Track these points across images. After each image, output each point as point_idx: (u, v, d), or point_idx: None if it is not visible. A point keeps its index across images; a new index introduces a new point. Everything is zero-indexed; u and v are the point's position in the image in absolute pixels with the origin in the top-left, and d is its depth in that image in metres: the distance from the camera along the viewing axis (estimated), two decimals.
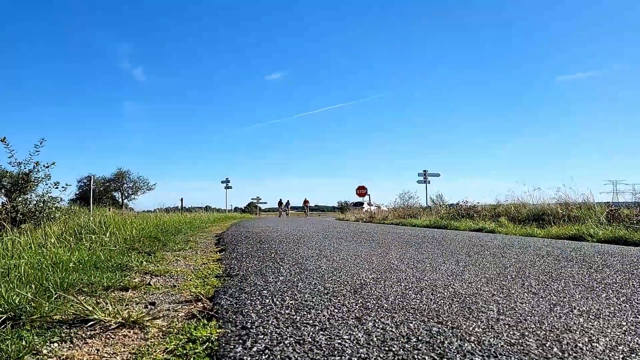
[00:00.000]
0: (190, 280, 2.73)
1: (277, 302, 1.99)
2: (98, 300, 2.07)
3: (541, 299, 2.06)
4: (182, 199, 21.71)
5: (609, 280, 2.58)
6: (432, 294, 2.16)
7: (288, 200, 35.16)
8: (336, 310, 1.83)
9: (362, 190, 27.38)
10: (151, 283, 2.57)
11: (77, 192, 36.60)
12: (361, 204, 28.29)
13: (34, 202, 7.12)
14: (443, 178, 27.48)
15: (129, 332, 1.64)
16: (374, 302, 1.99)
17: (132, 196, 45.02)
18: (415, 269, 2.95)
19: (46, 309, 1.77)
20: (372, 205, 26.03)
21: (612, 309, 1.90)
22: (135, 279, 2.70)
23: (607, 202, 9.56)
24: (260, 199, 46.29)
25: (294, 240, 5.16)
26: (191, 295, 2.27)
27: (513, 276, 2.70)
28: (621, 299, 2.08)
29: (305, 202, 35.18)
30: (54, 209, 7.11)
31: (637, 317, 1.76)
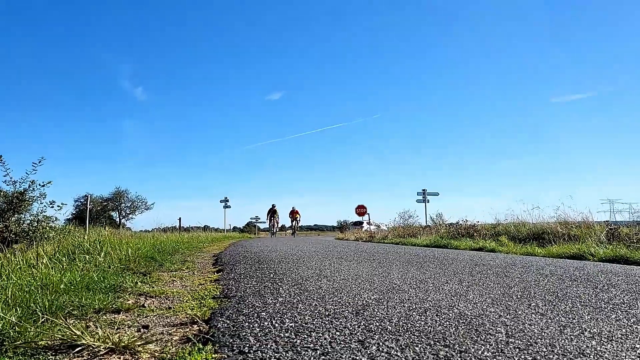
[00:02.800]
0: (186, 301, 2.65)
1: (277, 325, 1.91)
2: (88, 324, 1.98)
3: (550, 321, 1.98)
4: (180, 218, 21.59)
5: (616, 301, 2.51)
6: (437, 315, 2.08)
7: (275, 209, 24.17)
8: (338, 333, 1.76)
9: (361, 210, 27.28)
10: (145, 305, 2.48)
11: (74, 212, 36.29)
12: (361, 223, 28.15)
13: (28, 221, 7.02)
14: (442, 197, 27.39)
15: (119, 357, 1.56)
16: (377, 324, 1.91)
17: (130, 216, 44.80)
18: (418, 289, 2.87)
19: (31, 333, 1.69)
20: (371, 224, 25.88)
21: (623, 330, 1.82)
22: (128, 300, 2.61)
23: (606, 221, 9.50)
24: (259, 219, 46.00)
25: (293, 260, 5.07)
26: (187, 317, 2.19)
27: (518, 296, 2.62)
28: (631, 320, 2.01)
29: (294, 213, 24.49)
30: (48, 228, 7.01)
31: None
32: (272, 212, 24.21)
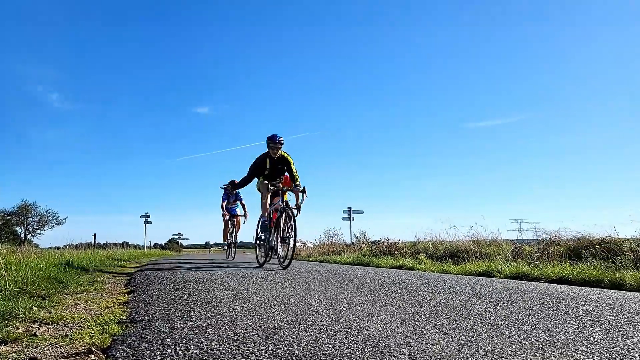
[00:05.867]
0: (87, 327, 2.47)
1: (180, 352, 1.83)
2: None
3: (451, 340, 2.08)
4: (95, 234, 20.24)
5: (512, 317, 2.69)
6: (346, 337, 2.11)
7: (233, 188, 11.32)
8: (243, 359, 1.72)
9: None
10: (37, 333, 2.28)
11: None
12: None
13: None
14: (367, 215, 28.11)
15: None
16: (285, 348, 1.89)
17: (38, 231, 41.32)
18: (332, 310, 2.90)
19: None
20: (298, 242, 25.89)
21: (513, 347, 1.95)
22: (18, 329, 2.38)
23: (513, 240, 10.24)
24: (182, 235, 44.38)
25: (210, 280, 4.92)
26: (84, 346, 2.04)
27: (427, 315, 2.73)
28: (522, 337, 2.16)
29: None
30: None
31: (535, 355, 1.82)
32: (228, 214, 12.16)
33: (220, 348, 1.89)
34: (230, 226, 12.30)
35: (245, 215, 12.16)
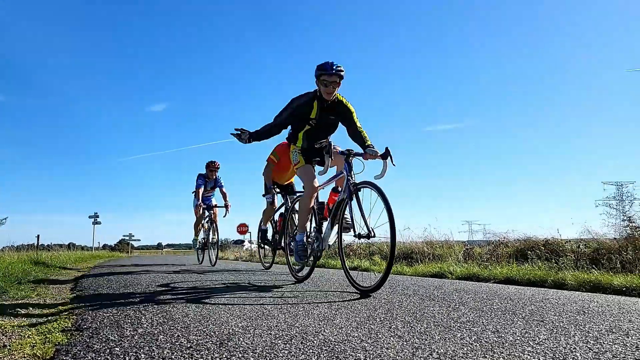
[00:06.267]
0: (28, 337, 2.33)
1: None
2: None
3: (405, 343, 2.11)
4: (38, 235, 19.20)
5: (463, 319, 2.77)
6: (301, 342, 2.10)
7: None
8: None
9: (243, 228, 26.86)
10: None
11: None
12: (242, 241, 27.80)
13: None
14: None
15: None
16: (240, 355, 1.86)
17: None
18: (288, 314, 2.88)
19: None
20: (252, 243, 25.66)
21: (465, 349, 2.01)
22: None
23: (464, 241, 10.58)
24: (133, 236, 43.04)
25: (163, 284, 4.78)
26: (24, 357, 1.92)
27: (382, 318, 2.76)
28: (473, 338, 2.22)
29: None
30: None
31: (486, 357, 1.88)
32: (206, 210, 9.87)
33: (173, 356, 1.84)
34: (205, 221, 9.89)
35: (226, 206, 9.51)
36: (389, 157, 4.17)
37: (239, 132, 4.56)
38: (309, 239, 4.78)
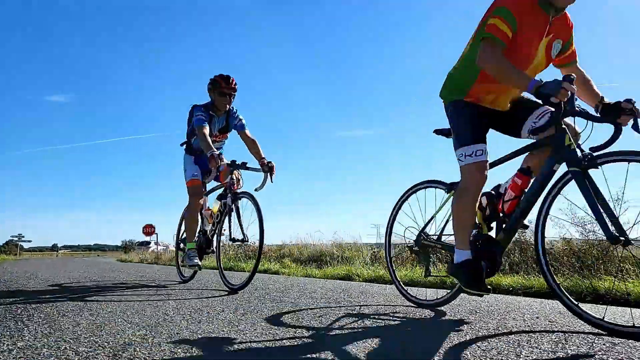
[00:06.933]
0: None
1: None
2: None
3: (306, 347, 2.13)
4: None
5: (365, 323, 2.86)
6: (203, 351, 2.03)
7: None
8: None
9: (149, 229, 25.66)
10: None
11: None
12: (148, 243, 26.53)
13: None
14: None
15: None
16: None
17: None
18: (190, 320, 2.77)
19: None
20: (159, 245, 24.53)
21: (364, 351, 2.07)
22: None
23: (372, 244, 10.98)
24: (23, 237, 39.29)
25: (54, 290, 4.39)
26: None
27: (287, 323, 2.76)
28: (375, 342, 2.30)
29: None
30: None
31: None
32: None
33: None
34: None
35: (269, 168, 4.63)
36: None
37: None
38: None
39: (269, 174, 4.50)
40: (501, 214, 2.83)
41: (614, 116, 2.40)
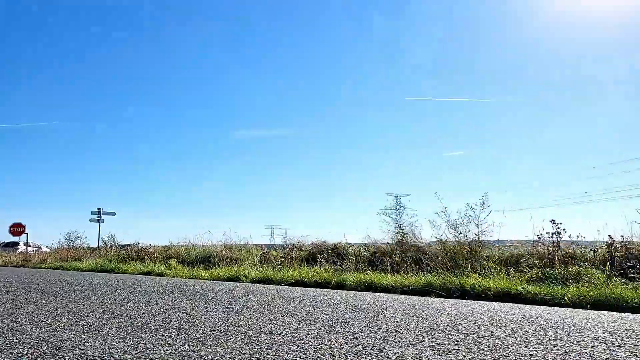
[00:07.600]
0: None
1: None
2: None
3: (174, 352, 2.01)
4: None
5: (242, 323, 2.80)
6: (52, 358, 1.82)
7: None
8: None
9: (18, 228, 22.90)
10: None
11: None
12: (16, 244, 23.70)
13: None
14: (120, 217, 25.88)
15: None
16: None
17: None
18: (44, 328, 2.48)
19: None
20: (29, 245, 22.00)
21: (233, 353, 2.01)
22: None
23: (263, 245, 10.93)
24: None
25: None
26: None
27: (158, 326, 2.60)
28: (245, 342, 2.25)
29: None
30: None
31: (252, 359, 1.91)
32: None
33: None
34: None
35: None
36: None
37: None
38: None
39: None
40: None
41: None
